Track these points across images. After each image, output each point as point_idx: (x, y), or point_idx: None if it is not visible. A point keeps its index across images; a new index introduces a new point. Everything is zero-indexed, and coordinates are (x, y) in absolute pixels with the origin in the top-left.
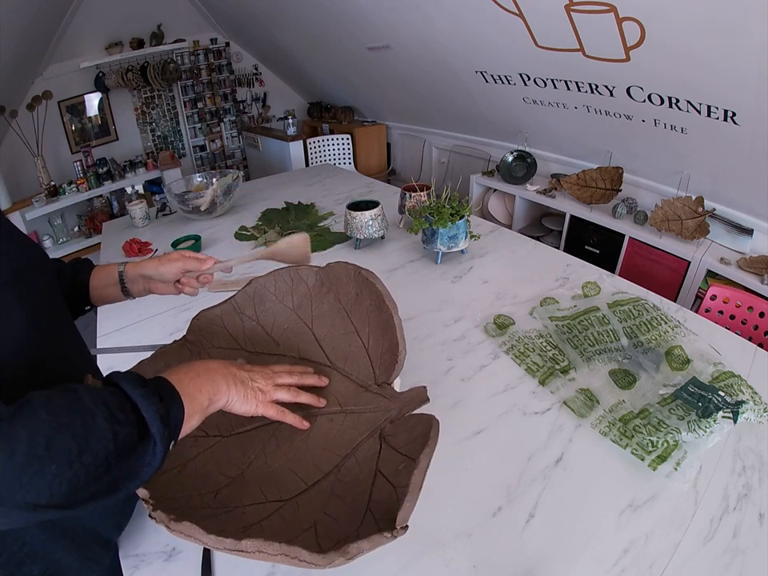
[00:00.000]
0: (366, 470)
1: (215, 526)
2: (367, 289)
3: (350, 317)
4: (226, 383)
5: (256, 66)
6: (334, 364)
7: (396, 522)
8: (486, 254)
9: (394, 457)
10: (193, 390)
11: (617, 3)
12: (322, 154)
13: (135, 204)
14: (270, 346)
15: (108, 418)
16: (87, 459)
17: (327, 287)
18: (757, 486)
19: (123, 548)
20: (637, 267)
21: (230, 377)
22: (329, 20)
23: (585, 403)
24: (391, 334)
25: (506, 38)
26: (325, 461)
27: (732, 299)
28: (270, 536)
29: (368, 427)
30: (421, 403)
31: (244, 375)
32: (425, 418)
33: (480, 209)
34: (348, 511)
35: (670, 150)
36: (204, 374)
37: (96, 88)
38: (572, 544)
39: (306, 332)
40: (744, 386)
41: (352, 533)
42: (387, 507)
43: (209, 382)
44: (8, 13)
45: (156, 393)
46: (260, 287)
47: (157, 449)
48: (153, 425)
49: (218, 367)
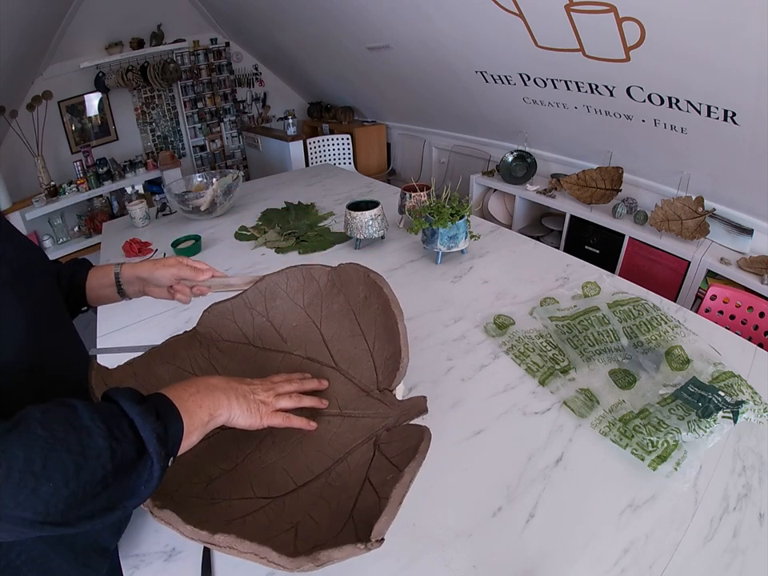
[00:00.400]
0: (355, 477)
1: (200, 516)
2: (375, 293)
3: (358, 319)
4: (227, 398)
5: (256, 66)
6: (338, 366)
7: (371, 534)
8: (486, 253)
9: (385, 466)
10: (192, 406)
11: (617, 3)
12: (321, 154)
13: (135, 204)
14: (278, 342)
15: (106, 436)
16: (84, 477)
17: (338, 288)
18: (757, 485)
19: (123, 548)
20: (637, 267)
21: (231, 392)
22: (329, 20)
23: (585, 403)
24: (396, 341)
25: (506, 38)
26: (317, 463)
27: (732, 299)
28: (250, 532)
29: (364, 433)
30: (419, 413)
31: (246, 389)
32: (419, 429)
33: (480, 209)
34: (331, 516)
35: (670, 150)
36: (204, 390)
37: (96, 88)
38: (572, 544)
39: (314, 331)
40: (744, 386)
41: (330, 539)
42: (369, 517)
43: (209, 397)
44: (8, 13)
45: (154, 410)
46: (272, 284)
47: (154, 468)
48: (150, 444)
49: (218, 383)
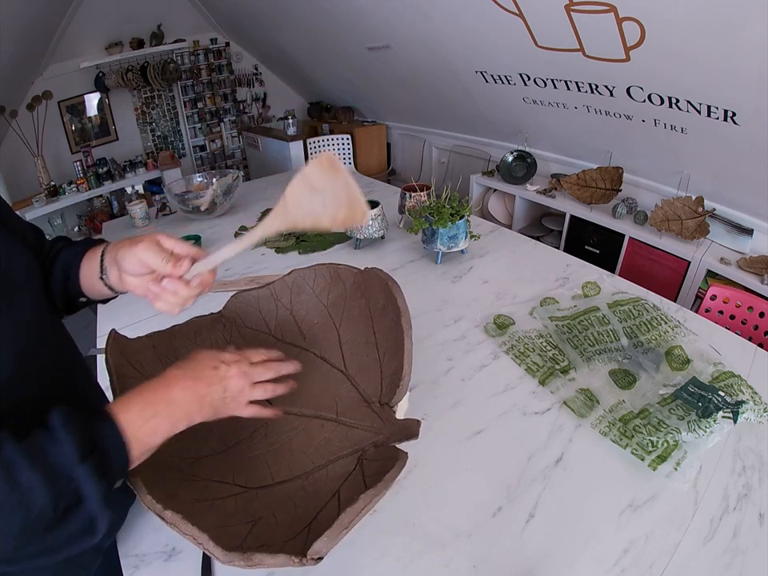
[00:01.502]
0: (329, 487)
1: (172, 489)
2: (392, 302)
3: (374, 327)
4: (187, 415)
5: (256, 66)
6: (347, 371)
7: (308, 551)
8: (486, 254)
9: (358, 483)
10: (145, 435)
11: (617, 3)
12: None
13: (135, 204)
14: (296, 337)
15: (50, 500)
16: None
17: (362, 292)
18: (757, 485)
19: (123, 548)
20: (637, 267)
21: (194, 405)
22: (329, 20)
23: (585, 403)
24: (400, 356)
25: (506, 38)
26: (299, 464)
27: (732, 299)
28: (209, 516)
29: (353, 443)
30: (408, 438)
31: (216, 395)
32: (398, 455)
33: (480, 209)
34: (293, 520)
35: (670, 150)
36: (164, 412)
37: (96, 88)
38: (572, 544)
39: (333, 332)
40: (744, 386)
41: (281, 542)
42: (323, 531)
43: (166, 420)
44: (8, 13)
45: (92, 455)
46: (299, 278)
47: (96, 521)
48: (89, 500)
49: (182, 397)
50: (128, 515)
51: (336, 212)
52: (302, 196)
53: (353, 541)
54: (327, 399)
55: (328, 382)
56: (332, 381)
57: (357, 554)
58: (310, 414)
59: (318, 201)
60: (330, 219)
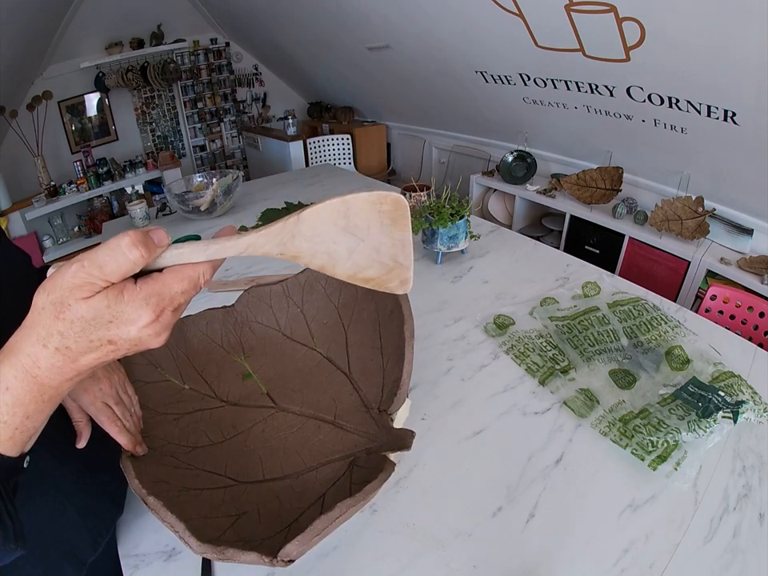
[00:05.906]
0: (316, 490)
1: (163, 475)
2: (398, 308)
3: (381, 332)
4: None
5: (256, 66)
6: (351, 374)
7: (279, 552)
8: (486, 254)
9: (344, 490)
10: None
11: (617, 3)
12: (321, 154)
13: (135, 204)
14: (305, 336)
15: None
16: None
17: (372, 295)
18: (757, 485)
19: (123, 548)
20: (637, 267)
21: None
22: (329, 20)
23: (585, 403)
24: (401, 364)
25: (506, 38)
26: (290, 463)
27: (732, 299)
28: (193, 505)
29: (347, 448)
30: (400, 448)
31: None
32: (386, 465)
33: (480, 209)
34: (275, 519)
35: (670, 150)
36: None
37: (96, 88)
38: (572, 544)
39: (341, 333)
40: (744, 386)
41: (258, 539)
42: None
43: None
44: (8, 13)
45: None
46: (311, 277)
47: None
48: None
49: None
50: (128, 515)
51: (365, 268)
52: (328, 226)
53: (353, 541)
54: (327, 400)
55: (330, 383)
56: (335, 382)
57: (357, 553)
58: (308, 413)
59: (347, 243)
60: (349, 271)
